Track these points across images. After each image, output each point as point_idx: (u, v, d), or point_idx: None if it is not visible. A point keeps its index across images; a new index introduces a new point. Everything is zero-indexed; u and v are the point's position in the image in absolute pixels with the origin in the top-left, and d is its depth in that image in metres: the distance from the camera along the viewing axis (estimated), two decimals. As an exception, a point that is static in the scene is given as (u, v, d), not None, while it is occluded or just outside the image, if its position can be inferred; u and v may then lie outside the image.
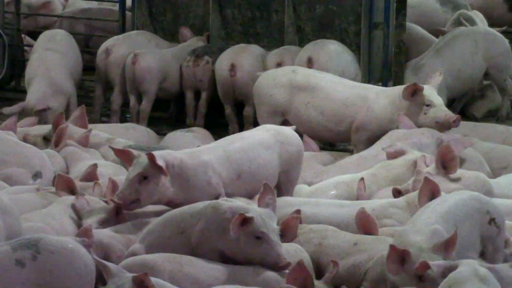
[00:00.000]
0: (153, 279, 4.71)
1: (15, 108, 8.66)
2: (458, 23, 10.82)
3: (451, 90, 9.59)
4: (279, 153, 6.87)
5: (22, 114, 8.98)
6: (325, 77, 8.21)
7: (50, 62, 9.16)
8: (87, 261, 5.20)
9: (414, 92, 7.73)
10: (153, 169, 6.26)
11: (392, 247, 5.34)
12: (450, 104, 9.75)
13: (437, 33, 10.61)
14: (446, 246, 5.28)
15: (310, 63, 8.63)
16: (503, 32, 10.57)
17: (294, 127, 7.29)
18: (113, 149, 6.72)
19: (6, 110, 8.74)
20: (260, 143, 6.85)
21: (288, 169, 6.95)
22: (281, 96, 8.17)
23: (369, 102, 8.08)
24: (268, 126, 7.17)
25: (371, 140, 8.03)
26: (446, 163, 6.64)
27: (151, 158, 6.23)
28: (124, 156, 6.58)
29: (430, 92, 7.80)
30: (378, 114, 8.05)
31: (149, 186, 6.30)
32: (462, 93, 9.77)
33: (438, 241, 5.32)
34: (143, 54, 9.14)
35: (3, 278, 4.87)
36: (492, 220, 5.77)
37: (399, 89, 7.96)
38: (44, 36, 9.57)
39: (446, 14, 11.55)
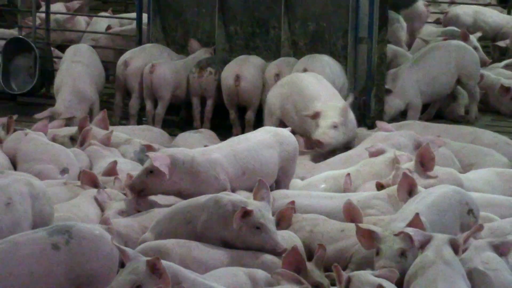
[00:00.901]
0: (164, 262, 4.69)
1: (45, 113, 8.65)
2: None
3: (427, 96, 9.60)
4: (279, 152, 6.86)
5: (51, 117, 8.99)
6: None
7: (76, 73, 9.12)
8: (112, 245, 5.24)
9: None
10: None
11: (357, 226, 5.51)
12: (425, 108, 9.77)
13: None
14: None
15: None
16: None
17: (289, 128, 7.28)
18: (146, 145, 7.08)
19: (38, 115, 8.71)
20: (262, 143, 6.84)
21: (286, 165, 6.95)
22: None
23: None
24: (268, 128, 7.18)
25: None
26: (425, 162, 6.62)
27: (152, 162, 6.30)
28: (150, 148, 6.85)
29: None
30: None
31: (153, 179, 6.30)
32: (436, 98, 9.75)
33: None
34: (159, 65, 9.11)
35: (41, 260, 4.92)
36: (470, 211, 5.82)
37: None
38: (70, 49, 9.53)
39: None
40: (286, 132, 7.07)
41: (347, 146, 8.11)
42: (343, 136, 7.93)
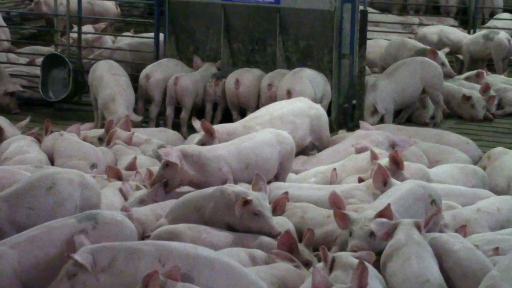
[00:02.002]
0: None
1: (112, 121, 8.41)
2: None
3: (398, 103, 9.61)
4: (279, 150, 6.86)
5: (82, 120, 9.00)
6: None
7: (124, 84, 9.14)
8: (132, 229, 5.29)
9: None
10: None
11: (334, 210, 5.58)
12: (397, 113, 9.77)
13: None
14: (381, 215, 5.32)
15: (289, 94, 8.60)
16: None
17: (288, 130, 7.29)
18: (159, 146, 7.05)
19: (135, 117, 8.80)
20: (265, 142, 6.83)
21: (284, 162, 6.93)
22: None
23: None
24: (270, 129, 7.14)
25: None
26: (398, 162, 6.62)
27: (166, 156, 6.31)
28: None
29: None
30: None
31: (169, 170, 6.32)
32: (406, 105, 9.77)
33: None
34: (182, 77, 9.13)
35: (71, 243, 4.88)
36: (433, 201, 5.80)
37: None
38: (103, 65, 9.45)
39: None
40: (285, 133, 7.07)
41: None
42: None
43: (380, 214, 5.36)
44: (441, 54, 10.56)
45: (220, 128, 7.35)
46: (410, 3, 14.96)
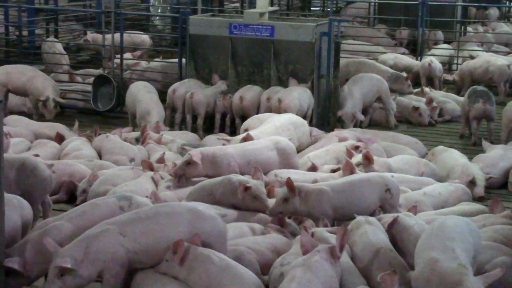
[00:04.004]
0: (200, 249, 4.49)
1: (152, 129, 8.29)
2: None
3: (362, 106, 9.50)
4: (276, 152, 6.81)
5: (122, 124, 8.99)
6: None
7: (155, 99, 9.03)
8: None
9: None
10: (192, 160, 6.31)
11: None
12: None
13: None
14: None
15: (279, 102, 8.55)
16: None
17: (289, 137, 7.25)
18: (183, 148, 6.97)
19: (163, 127, 8.57)
20: (264, 146, 6.81)
21: (284, 161, 6.85)
22: None
23: None
24: (272, 137, 7.09)
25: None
26: (369, 158, 6.59)
27: (189, 156, 6.30)
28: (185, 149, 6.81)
29: None
30: None
31: (190, 167, 6.30)
32: (367, 106, 9.66)
33: None
34: (196, 93, 9.07)
35: (112, 216, 4.80)
36: (387, 190, 5.71)
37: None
38: (138, 85, 9.37)
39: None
40: (284, 140, 7.00)
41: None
42: None
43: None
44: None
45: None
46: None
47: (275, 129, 7.59)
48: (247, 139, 7.00)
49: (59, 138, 7.96)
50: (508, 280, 4.67)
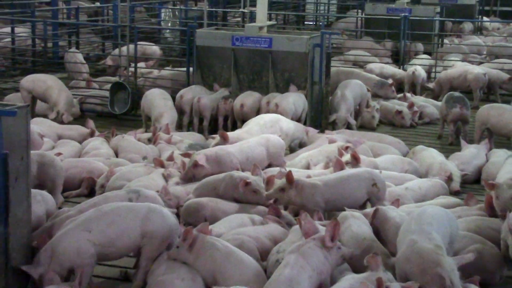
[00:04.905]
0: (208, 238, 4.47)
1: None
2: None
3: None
4: (267, 148, 6.82)
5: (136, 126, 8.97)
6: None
7: (169, 104, 8.91)
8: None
9: None
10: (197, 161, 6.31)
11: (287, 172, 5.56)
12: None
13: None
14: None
15: (277, 106, 8.54)
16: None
17: (279, 134, 7.24)
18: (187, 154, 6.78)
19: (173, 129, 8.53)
20: (258, 143, 6.80)
21: (273, 156, 6.86)
22: None
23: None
24: (264, 135, 7.10)
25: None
26: (356, 158, 6.57)
27: (194, 159, 6.25)
28: (187, 156, 6.68)
29: None
30: None
31: (197, 169, 6.29)
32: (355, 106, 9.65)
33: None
34: (202, 98, 9.03)
35: None
36: (374, 184, 5.68)
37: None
38: (155, 92, 9.28)
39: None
40: (275, 137, 7.00)
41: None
42: None
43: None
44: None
45: (230, 134, 7.31)
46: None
47: (259, 127, 7.57)
48: (223, 136, 7.02)
49: (91, 133, 8.13)
50: (480, 266, 4.68)
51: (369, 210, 5.30)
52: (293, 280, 4.01)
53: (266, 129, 7.55)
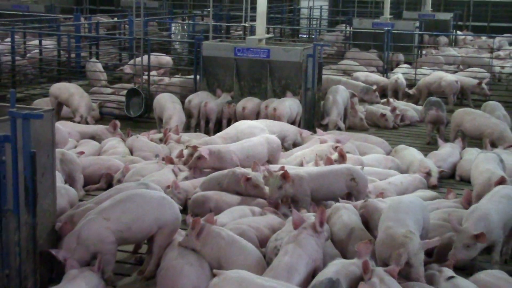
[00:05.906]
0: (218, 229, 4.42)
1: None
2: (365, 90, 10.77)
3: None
4: (267, 147, 6.78)
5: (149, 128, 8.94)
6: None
7: (178, 108, 8.83)
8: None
9: None
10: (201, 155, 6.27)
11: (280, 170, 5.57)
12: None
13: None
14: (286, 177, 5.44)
15: (275, 110, 8.52)
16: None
17: (277, 134, 7.21)
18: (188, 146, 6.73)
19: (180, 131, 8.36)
20: (257, 142, 6.77)
21: (272, 154, 6.83)
22: None
23: None
24: (264, 134, 7.07)
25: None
26: (343, 155, 6.54)
27: (199, 152, 6.25)
28: (195, 149, 6.57)
29: None
30: None
31: (201, 161, 6.27)
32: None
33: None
34: (209, 102, 8.99)
35: None
36: (353, 179, 5.63)
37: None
38: (165, 96, 9.17)
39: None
40: (273, 136, 6.97)
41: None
42: None
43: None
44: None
45: (221, 135, 7.22)
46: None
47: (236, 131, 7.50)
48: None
49: (113, 126, 8.11)
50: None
51: (359, 202, 5.28)
52: (292, 267, 4.04)
53: (242, 135, 7.39)
